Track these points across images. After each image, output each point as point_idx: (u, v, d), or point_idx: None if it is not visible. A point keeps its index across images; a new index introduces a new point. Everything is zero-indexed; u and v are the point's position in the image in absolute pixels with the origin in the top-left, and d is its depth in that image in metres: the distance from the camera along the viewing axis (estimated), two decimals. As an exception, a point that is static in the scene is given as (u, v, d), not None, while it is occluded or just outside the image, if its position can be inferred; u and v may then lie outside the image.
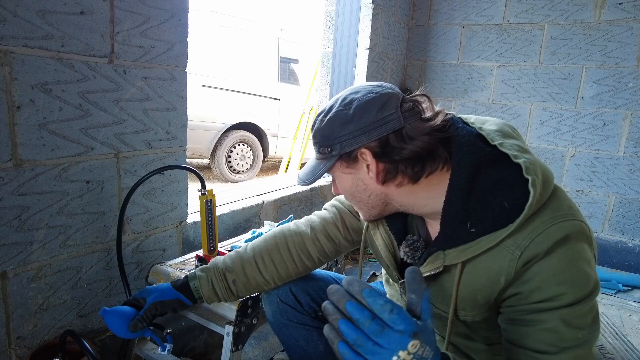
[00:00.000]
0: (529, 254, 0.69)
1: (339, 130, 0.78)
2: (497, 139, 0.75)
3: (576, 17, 2.61)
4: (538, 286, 0.68)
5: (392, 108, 0.76)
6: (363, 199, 0.84)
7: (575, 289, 0.67)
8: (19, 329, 1.12)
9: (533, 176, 0.69)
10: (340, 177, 0.85)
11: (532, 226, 0.69)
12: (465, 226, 0.73)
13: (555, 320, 0.66)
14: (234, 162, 4.84)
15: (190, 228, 1.55)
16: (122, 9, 1.18)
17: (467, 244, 0.73)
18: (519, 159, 0.72)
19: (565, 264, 0.67)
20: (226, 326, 1.12)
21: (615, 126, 2.60)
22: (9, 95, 1.00)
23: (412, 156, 0.76)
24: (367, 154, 0.77)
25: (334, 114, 0.79)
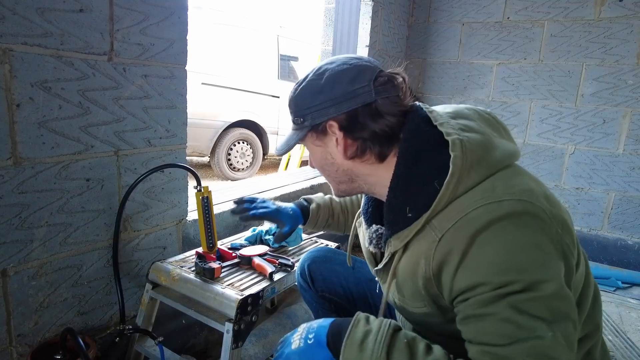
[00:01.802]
0: (450, 239, 0.65)
1: (310, 101, 0.78)
2: (440, 119, 0.73)
3: (576, 15, 2.60)
4: (481, 280, 0.62)
5: (365, 81, 0.74)
6: (331, 173, 0.85)
7: (522, 275, 0.60)
8: (20, 327, 1.13)
9: (457, 152, 0.67)
10: (311, 149, 0.85)
11: (457, 207, 0.66)
12: (404, 212, 0.72)
13: (507, 310, 0.60)
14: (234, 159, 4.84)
15: (190, 226, 1.55)
16: (122, 7, 1.18)
17: (405, 229, 0.72)
18: (451, 136, 0.69)
19: (501, 249, 0.62)
20: (226, 323, 1.12)
21: (615, 124, 2.59)
22: (9, 93, 1.00)
23: (380, 134, 0.75)
24: (335, 127, 0.77)
25: (306, 83, 0.79)
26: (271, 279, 1.26)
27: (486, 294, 0.62)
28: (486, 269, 0.62)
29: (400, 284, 0.77)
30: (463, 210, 0.65)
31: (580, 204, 2.75)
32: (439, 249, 0.66)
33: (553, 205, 0.67)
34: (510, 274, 0.61)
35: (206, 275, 1.23)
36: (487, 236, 0.62)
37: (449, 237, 0.66)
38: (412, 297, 0.76)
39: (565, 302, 0.62)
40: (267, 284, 1.24)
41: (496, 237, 0.62)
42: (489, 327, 0.62)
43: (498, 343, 0.61)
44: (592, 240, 2.74)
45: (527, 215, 0.64)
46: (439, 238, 0.66)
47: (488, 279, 0.61)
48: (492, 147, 0.71)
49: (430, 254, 0.68)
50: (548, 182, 2.82)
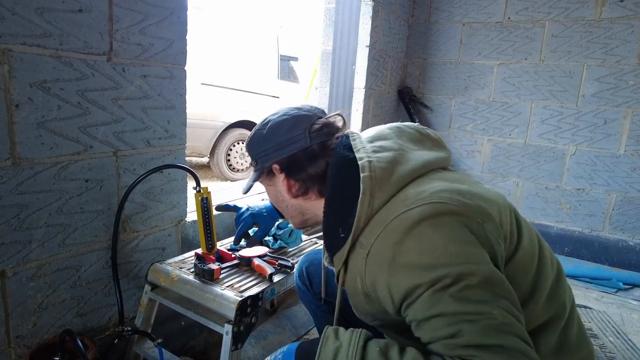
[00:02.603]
0: (374, 252, 0.70)
1: (257, 147, 0.91)
2: (358, 146, 0.81)
3: (577, 15, 2.60)
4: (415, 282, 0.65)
5: (300, 129, 0.86)
6: (283, 208, 0.96)
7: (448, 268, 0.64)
8: (19, 328, 1.12)
9: (365, 172, 0.74)
10: (266, 188, 0.96)
11: (377, 220, 0.72)
12: (337, 232, 0.77)
13: (450, 303, 0.63)
14: (234, 160, 4.83)
15: (189, 227, 1.55)
16: (121, 7, 1.17)
17: (340, 250, 0.77)
18: (362, 160, 0.76)
19: (424, 250, 0.66)
20: (225, 325, 1.12)
21: (616, 124, 2.59)
22: (8, 93, 0.99)
23: (317, 174, 0.85)
24: (277, 169, 0.88)
25: (255, 133, 0.92)
26: (271, 281, 1.26)
27: (425, 294, 0.65)
28: (415, 271, 0.65)
29: (352, 300, 0.82)
30: (382, 223, 0.70)
31: (581, 205, 2.75)
32: (368, 264, 0.71)
33: (469, 198, 0.71)
34: (439, 270, 0.64)
35: (205, 277, 1.23)
36: (408, 243, 0.67)
37: (373, 251, 0.70)
38: (362, 310, 0.81)
39: (499, 284, 0.66)
40: (266, 285, 1.24)
41: (416, 241, 0.67)
42: (440, 323, 0.64)
43: (454, 333, 0.63)
44: (593, 241, 2.73)
45: (440, 215, 0.68)
46: (367, 254, 0.71)
47: (420, 280, 0.65)
48: (404, 161, 0.77)
49: (362, 270, 0.72)
50: (549, 182, 2.82)
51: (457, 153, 3.10)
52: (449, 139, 3.10)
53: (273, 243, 1.54)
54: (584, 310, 2.15)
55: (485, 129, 2.98)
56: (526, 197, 2.90)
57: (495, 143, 2.96)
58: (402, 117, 3.20)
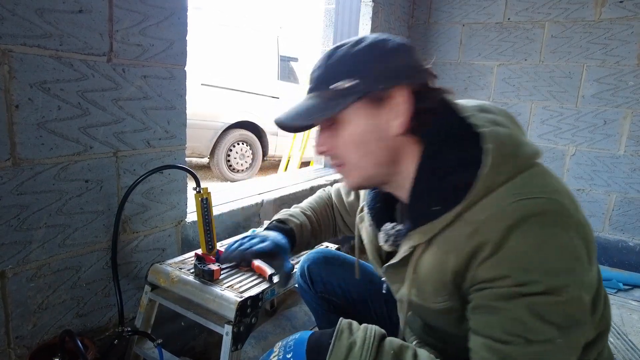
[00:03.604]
0: (484, 232, 0.62)
1: (376, 60, 0.70)
2: (468, 112, 0.71)
3: (577, 15, 2.60)
4: (506, 273, 0.60)
5: (422, 62, 0.72)
6: (373, 151, 0.73)
7: (547, 277, 0.59)
8: (19, 329, 1.12)
9: (490, 145, 0.65)
10: (352, 121, 0.72)
11: (492, 201, 0.64)
12: (430, 204, 0.69)
13: (521, 310, 0.59)
14: (234, 161, 4.83)
15: (189, 227, 1.55)
16: (121, 7, 1.17)
17: (430, 223, 0.69)
18: (483, 128, 0.68)
19: (530, 247, 0.60)
20: (225, 326, 1.12)
21: (616, 125, 2.59)
22: (8, 94, 0.99)
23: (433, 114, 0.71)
24: (405, 94, 0.69)
25: (371, 45, 0.71)
26: (271, 281, 1.26)
27: (505, 288, 0.60)
28: (514, 263, 0.60)
29: (422, 278, 0.73)
30: (497, 204, 0.63)
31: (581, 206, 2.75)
32: (471, 242, 0.63)
33: (579, 207, 0.67)
34: (536, 274, 0.59)
35: (205, 277, 1.23)
36: (522, 231, 0.60)
37: (483, 230, 0.63)
38: (435, 292, 0.72)
39: (580, 309, 0.61)
40: (266, 286, 1.24)
41: (531, 232, 0.60)
42: (499, 321, 0.61)
43: (504, 340, 0.60)
44: (592, 242, 2.73)
45: (562, 216, 0.62)
46: (473, 231, 0.63)
47: (512, 274, 0.60)
48: (521, 143, 0.69)
49: (462, 248, 0.65)
50: (548, 183, 2.82)
51: (457, 154, 3.10)
52: (448, 140, 3.10)
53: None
54: (584, 311, 2.14)
55: (485, 130, 2.98)
56: (526, 197, 2.90)
57: (495, 144, 2.96)
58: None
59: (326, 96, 0.72)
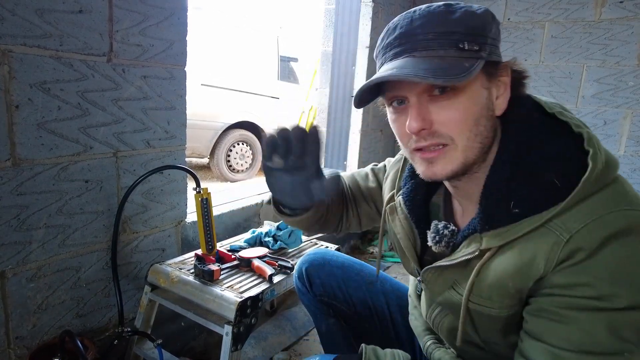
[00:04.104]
0: (580, 239, 0.56)
1: (488, 28, 0.63)
2: (556, 108, 0.66)
3: (577, 16, 2.60)
4: (587, 281, 0.55)
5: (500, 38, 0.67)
6: (484, 131, 0.65)
7: (633, 292, 0.54)
8: (18, 329, 1.12)
9: (595, 149, 0.59)
10: (473, 93, 0.63)
11: (588, 208, 0.58)
12: (507, 206, 0.62)
13: (597, 323, 0.55)
14: (234, 161, 4.83)
15: (189, 227, 1.55)
16: (121, 8, 1.17)
17: (508, 226, 0.62)
18: (581, 129, 0.61)
19: (625, 259, 0.55)
20: (225, 326, 1.12)
21: (616, 125, 2.59)
22: (8, 94, 0.99)
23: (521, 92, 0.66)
24: (508, 71, 0.65)
25: (485, 10, 0.64)
26: (271, 281, 1.26)
27: (582, 299, 0.56)
28: (601, 272, 0.55)
29: (488, 283, 0.66)
30: (595, 212, 0.57)
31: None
32: (564, 250, 0.57)
33: None
34: (622, 287, 0.55)
35: (205, 278, 1.23)
36: (621, 242, 0.55)
37: (578, 237, 0.57)
38: (501, 298, 0.65)
39: None
40: (266, 286, 1.24)
41: (630, 245, 0.56)
42: (566, 331, 0.57)
43: (569, 348, 0.56)
44: (592, 242, 2.73)
45: None
46: (567, 239, 0.57)
47: (596, 284, 0.55)
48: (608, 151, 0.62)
49: (553, 256, 0.58)
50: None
51: (457, 154, 3.10)
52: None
53: (273, 244, 1.54)
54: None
55: (485, 130, 2.98)
56: (526, 198, 2.90)
57: (495, 144, 2.96)
58: (402, 118, 3.20)
59: (455, 56, 0.61)
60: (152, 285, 1.30)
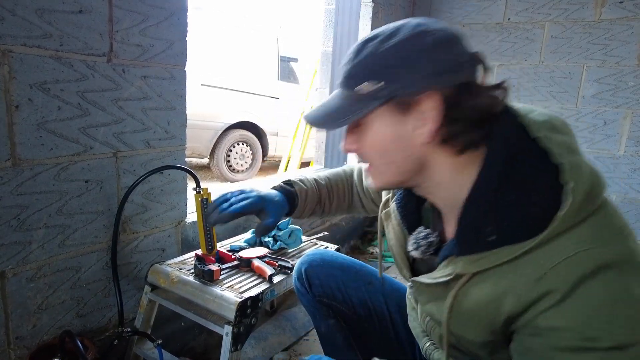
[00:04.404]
0: (552, 278, 0.56)
1: (405, 62, 0.61)
2: (541, 132, 0.62)
3: (577, 16, 2.60)
4: (568, 325, 0.55)
5: (467, 54, 0.63)
6: (396, 160, 0.67)
7: (612, 333, 0.53)
8: (18, 329, 1.12)
9: (572, 182, 0.57)
10: (375, 127, 0.66)
11: (565, 244, 0.56)
12: (485, 231, 0.61)
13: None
14: (234, 161, 4.83)
15: (189, 227, 1.55)
16: (121, 8, 1.17)
17: (483, 253, 0.61)
18: (563, 158, 0.59)
19: (605, 301, 0.54)
20: (225, 326, 1.12)
21: (616, 125, 2.59)
22: (8, 94, 0.99)
23: (475, 119, 0.62)
24: (434, 101, 0.61)
25: (404, 41, 0.61)
26: (271, 282, 1.26)
27: (568, 341, 0.55)
28: (582, 317, 0.54)
29: (464, 310, 0.66)
30: (569, 249, 0.56)
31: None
32: (537, 289, 0.57)
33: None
34: (605, 330, 0.54)
35: (205, 278, 1.23)
36: (594, 284, 0.54)
37: (551, 276, 0.56)
38: (476, 327, 0.65)
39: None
40: (266, 286, 1.24)
41: (603, 286, 0.54)
42: None
43: None
44: (592, 242, 2.73)
45: (631, 264, 0.56)
46: (541, 276, 0.56)
47: (579, 329, 0.54)
48: (595, 174, 0.60)
49: (525, 293, 0.58)
50: (548, 183, 2.82)
51: (457, 154, 3.10)
52: (448, 140, 3.10)
53: (273, 244, 1.54)
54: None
55: (485, 130, 2.98)
56: (526, 198, 2.90)
57: (495, 144, 2.96)
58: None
59: (351, 97, 0.66)
60: (152, 285, 1.30)
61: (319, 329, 1.22)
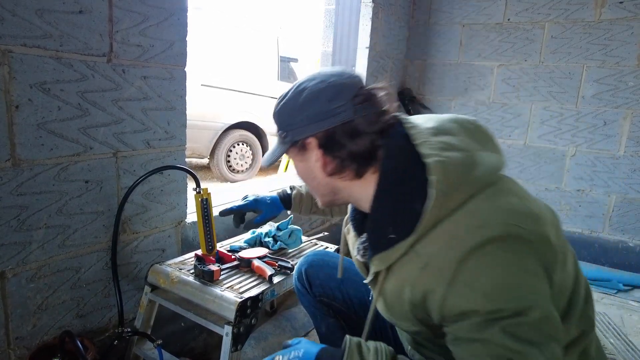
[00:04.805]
0: (436, 264, 0.64)
1: (290, 118, 0.79)
2: (420, 139, 0.72)
3: (576, 16, 2.60)
4: (470, 306, 0.62)
5: (343, 99, 0.74)
6: (313, 186, 0.85)
7: (509, 301, 0.60)
8: (18, 329, 1.12)
9: (438, 176, 0.66)
10: (294, 162, 0.86)
11: (442, 232, 0.65)
12: (387, 231, 0.71)
13: (499, 335, 0.60)
14: (234, 161, 4.83)
15: (189, 228, 1.55)
16: (121, 8, 1.17)
17: (387, 251, 0.71)
18: (431, 157, 0.68)
19: (490, 276, 0.61)
20: (225, 326, 1.12)
21: (616, 125, 2.59)
22: (8, 94, 0.99)
23: (358, 152, 0.75)
24: (313, 144, 0.77)
25: (287, 101, 0.80)
26: (271, 282, 1.26)
27: (478, 318, 0.61)
28: (476, 297, 0.61)
29: (389, 303, 0.76)
30: (447, 234, 0.65)
31: (581, 206, 2.75)
32: (423, 276, 0.66)
33: (536, 222, 0.67)
34: (501, 302, 0.61)
35: (205, 278, 1.23)
36: (473, 263, 0.62)
37: (434, 263, 0.65)
38: (400, 317, 0.76)
39: (552, 325, 0.62)
40: (266, 286, 1.24)
41: (483, 263, 0.62)
42: (482, 350, 0.62)
43: None
44: (593, 243, 2.73)
45: (513, 239, 0.63)
46: (424, 264, 0.66)
47: (479, 307, 0.61)
48: (475, 164, 0.69)
49: (415, 281, 0.67)
50: (549, 184, 2.82)
51: (457, 154, 3.10)
52: (448, 140, 3.10)
53: (273, 244, 1.54)
54: (584, 312, 2.14)
55: (485, 130, 2.98)
56: (526, 198, 2.90)
57: (495, 144, 2.96)
58: (402, 119, 3.20)
59: (278, 141, 0.85)
60: (152, 285, 1.30)
61: (319, 329, 1.22)
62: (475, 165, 0.69)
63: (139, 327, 1.31)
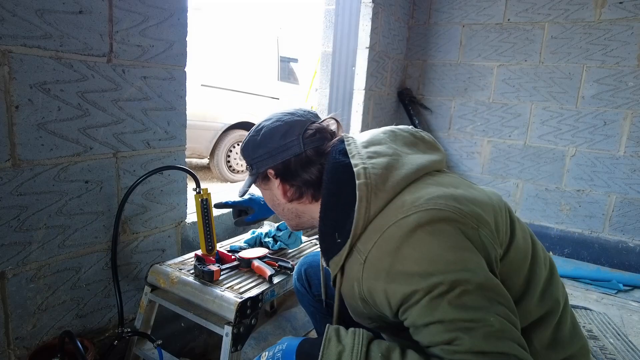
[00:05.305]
0: (372, 258, 0.71)
1: (252, 153, 0.93)
2: (353, 152, 0.81)
3: (576, 16, 2.60)
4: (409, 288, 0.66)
5: (294, 135, 0.88)
6: (280, 211, 0.98)
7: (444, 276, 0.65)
8: (18, 330, 1.12)
9: (361, 180, 0.74)
10: (262, 192, 0.99)
11: (375, 228, 0.72)
12: (334, 238, 0.78)
13: (447, 310, 0.64)
14: (234, 161, 4.83)
15: (189, 228, 1.55)
16: (121, 8, 1.17)
17: (337, 254, 0.78)
18: (357, 166, 0.77)
19: (421, 257, 0.67)
20: (225, 327, 1.12)
21: (616, 125, 2.59)
22: (8, 95, 0.99)
23: (311, 179, 0.87)
24: (272, 174, 0.91)
25: (248, 139, 0.94)
26: (271, 282, 1.26)
27: (422, 300, 0.66)
28: (412, 278, 0.66)
29: (348, 303, 0.82)
30: (379, 230, 0.71)
31: (581, 206, 2.75)
32: (365, 271, 0.72)
33: (464, 204, 0.72)
34: (435, 277, 0.65)
35: (205, 278, 1.23)
36: (405, 250, 0.67)
37: (371, 258, 0.71)
38: (361, 315, 0.81)
39: (494, 290, 0.67)
40: (266, 286, 1.24)
41: (413, 248, 0.67)
42: (438, 329, 0.65)
43: (453, 340, 0.64)
44: (593, 243, 2.73)
45: (437, 221, 0.69)
46: (364, 260, 0.72)
47: (417, 286, 0.66)
48: (399, 166, 0.78)
49: (360, 276, 0.73)
50: (549, 184, 2.82)
51: (456, 155, 3.10)
52: (448, 141, 3.10)
53: (273, 244, 1.54)
54: (584, 312, 2.14)
55: (485, 131, 2.98)
56: (526, 198, 2.90)
57: (495, 144, 2.96)
58: (402, 119, 3.20)
59: (248, 172, 0.98)
60: (152, 285, 1.30)
61: (319, 329, 1.22)
62: (399, 166, 0.78)
63: (139, 327, 1.31)
